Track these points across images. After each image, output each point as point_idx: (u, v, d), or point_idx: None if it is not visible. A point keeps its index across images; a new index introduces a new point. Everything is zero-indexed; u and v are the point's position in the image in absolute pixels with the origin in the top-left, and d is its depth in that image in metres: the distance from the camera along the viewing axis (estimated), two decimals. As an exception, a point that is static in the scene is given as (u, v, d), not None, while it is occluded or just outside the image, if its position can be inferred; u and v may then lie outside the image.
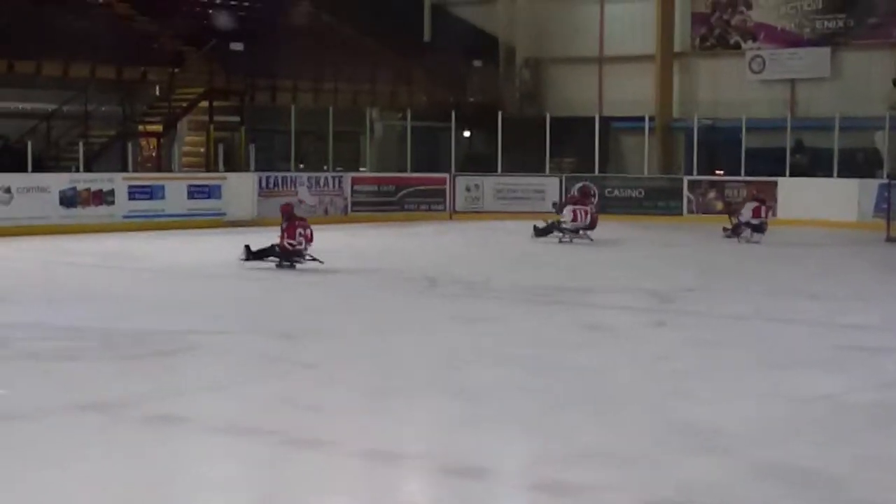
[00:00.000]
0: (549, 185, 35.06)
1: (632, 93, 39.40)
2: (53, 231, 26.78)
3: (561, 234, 26.45)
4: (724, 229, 27.13)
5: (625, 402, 9.98)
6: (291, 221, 20.44)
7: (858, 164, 34.07)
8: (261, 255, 20.32)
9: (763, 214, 26.98)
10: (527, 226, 27.50)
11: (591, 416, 9.43)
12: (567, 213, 26.70)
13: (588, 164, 35.72)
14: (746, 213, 26.89)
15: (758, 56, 38.52)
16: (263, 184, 31.88)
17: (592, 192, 32.93)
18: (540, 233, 26.86)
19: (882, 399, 10.14)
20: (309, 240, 20.25)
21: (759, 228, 26.60)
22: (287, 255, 20.14)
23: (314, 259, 20.07)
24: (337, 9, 42.02)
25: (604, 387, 10.67)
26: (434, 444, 8.58)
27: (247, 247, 20.45)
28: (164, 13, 35.43)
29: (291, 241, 20.10)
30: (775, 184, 32.60)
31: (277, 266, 20.05)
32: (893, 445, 8.61)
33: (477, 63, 41.02)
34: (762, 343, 13.05)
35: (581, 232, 26.39)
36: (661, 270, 21.23)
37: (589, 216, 26.60)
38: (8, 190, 27.20)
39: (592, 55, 41.25)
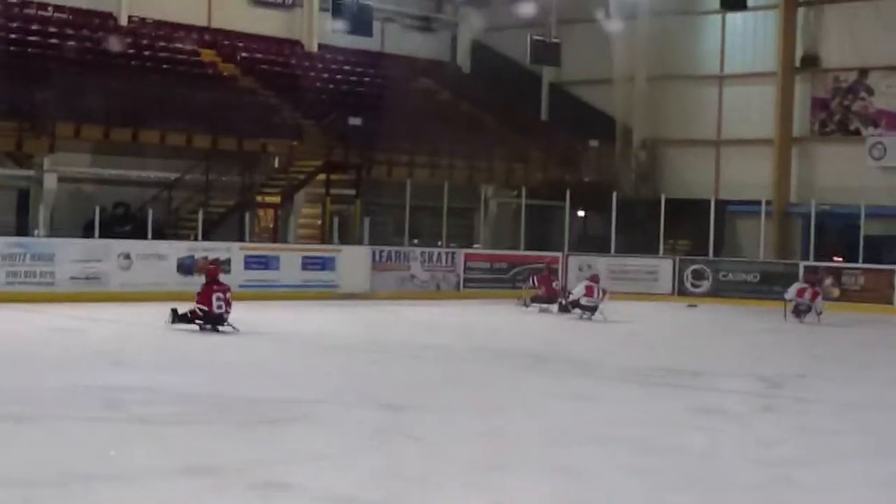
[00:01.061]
0: (663, 267, 34.96)
1: (749, 176, 39.16)
2: (170, 298, 27.20)
3: (581, 312, 26.82)
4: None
5: (730, 487, 9.86)
6: (210, 286, 21.32)
7: None
8: (185, 318, 21.10)
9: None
10: (638, 306, 27.32)
11: (696, 499, 9.33)
12: (581, 288, 27.24)
13: (702, 247, 35.52)
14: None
15: (879, 143, 38.09)
16: (377, 257, 32.18)
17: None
18: (541, 309, 27.93)
19: None
20: (228, 305, 21.01)
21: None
22: (208, 319, 20.95)
23: (233, 327, 20.85)
24: (455, 86, 42.52)
25: (709, 471, 10.55)
26: (535, 521, 8.55)
27: (173, 310, 21.44)
28: (286, 87, 36.10)
29: (202, 307, 21.00)
30: (893, 272, 32.10)
31: (201, 329, 20.88)
32: None
33: (593, 143, 41.09)
34: (874, 432, 12.82)
35: (598, 309, 26.68)
36: (772, 355, 20.98)
37: (600, 292, 26.99)
38: (128, 256, 27.81)
39: (710, 137, 41.14)
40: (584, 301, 26.90)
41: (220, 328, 20.94)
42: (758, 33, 40.45)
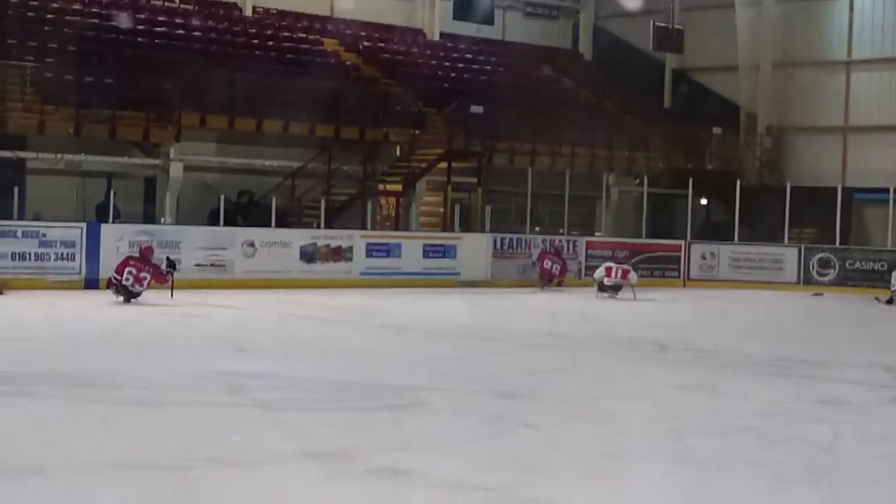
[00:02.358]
0: (788, 256, 34.47)
1: (877, 163, 38.41)
2: (293, 285, 27.60)
3: (604, 293, 28.13)
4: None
5: (855, 480, 9.68)
6: (130, 259, 23.15)
7: None
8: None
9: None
10: (763, 295, 26.99)
11: (820, 493, 9.18)
12: (601, 270, 28.62)
13: (829, 235, 34.94)
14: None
15: None
16: (498, 245, 32.19)
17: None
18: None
19: None
20: (138, 282, 22.62)
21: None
22: (118, 290, 22.67)
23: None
24: (577, 73, 42.36)
25: (834, 463, 10.38)
26: (654, 511, 8.50)
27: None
28: (407, 76, 36.23)
29: (115, 276, 22.70)
30: None
31: (116, 297, 22.73)
32: None
33: (717, 130, 40.59)
34: None
35: (621, 288, 28.17)
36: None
37: (618, 272, 28.38)
38: (252, 244, 28.17)
39: (837, 124, 40.44)
40: (606, 282, 28.19)
41: (133, 301, 22.52)
42: (887, 16, 39.62)
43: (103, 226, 27.10)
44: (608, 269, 28.49)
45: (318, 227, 30.07)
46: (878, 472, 10.05)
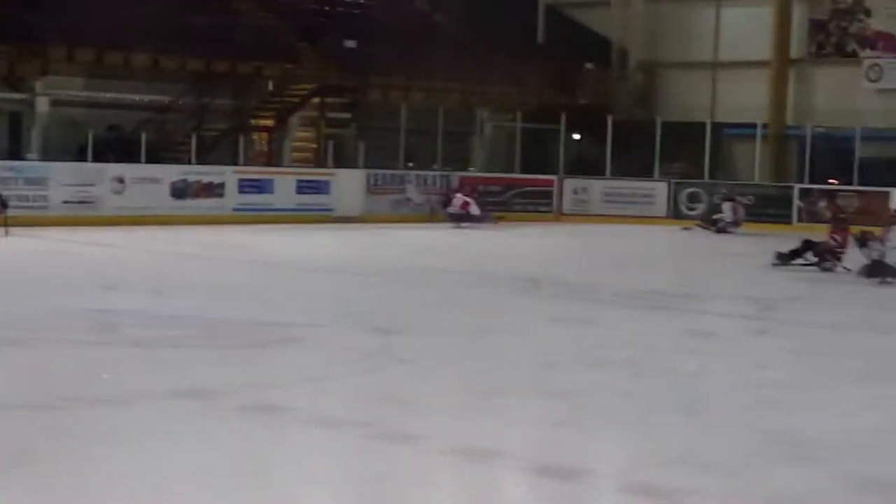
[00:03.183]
0: (658, 190, 34.90)
1: (745, 99, 38.91)
2: (163, 221, 27.24)
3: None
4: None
5: (721, 409, 9.89)
6: None
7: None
8: None
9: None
10: (634, 229, 27.31)
11: (686, 421, 9.35)
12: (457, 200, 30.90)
13: (698, 170, 35.46)
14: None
15: (875, 65, 37.92)
16: (372, 181, 32.10)
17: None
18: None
19: None
20: None
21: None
22: None
23: None
24: (451, 9, 42.11)
25: (701, 393, 10.58)
26: (526, 443, 8.56)
27: None
28: (281, 9, 35.78)
29: None
30: (888, 194, 32.04)
31: None
32: None
33: (589, 66, 40.82)
34: (865, 354, 12.86)
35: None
36: (766, 279, 20.96)
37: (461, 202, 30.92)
38: (121, 180, 27.75)
39: (706, 60, 40.86)
40: (450, 210, 31.11)
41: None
42: (756, -46, 40.09)
43: (-34, 162, 26.46)
44: (452, 200, 30.59)
45: (190, 162, 29.69)
46: (744, 400, 10.26)
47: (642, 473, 7.90)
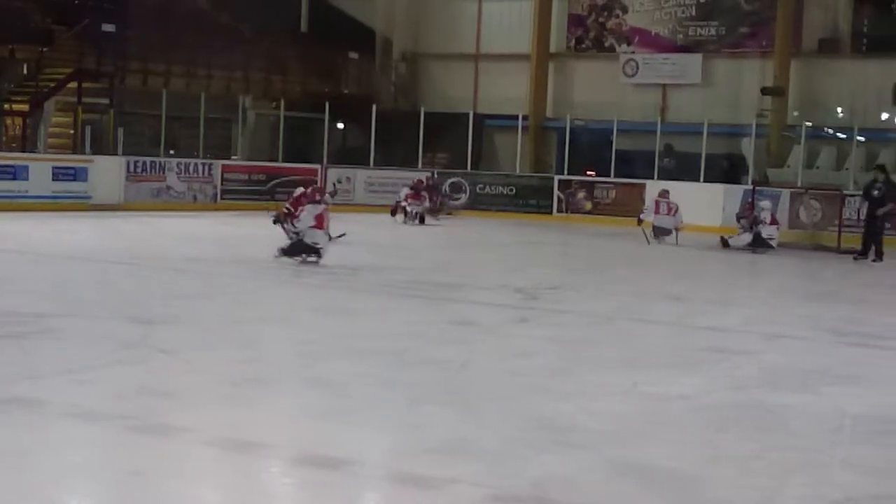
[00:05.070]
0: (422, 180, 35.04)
1: (507, 91, 39.61)
2: None
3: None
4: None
5: (484, 397, 9.97)
6: None
7: (725, 169, 34.65)
8: None
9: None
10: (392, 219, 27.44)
11: (450, 410, 9.39)
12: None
13: (461, 160, 35.86)
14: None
15: (631, 60, 38.99)
16: (131, 168, 31.42)
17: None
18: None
19: (736, 400, 10.25)
20: None
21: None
22: None
23: None
24: (213, -6, 41.62)
25: (464, 382, 10.65)
26: (290, 434, 8.49)
27: None
28: (35, -10, 34.77)
29: None
30: (643, 186, 32.98)
31: None
32: (745, 445, 8.70)
33: (353, 55, 40.88)
34: (623, 342, 13.16)
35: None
36: (528, 268, 21.33)
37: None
38: None
39: (469, 52, 41.39)
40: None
41: None
42: (516, -52, 40.74)
43: None
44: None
45: (-62, 147, 28.61)
46: (507, 387, 10.37)
47: (407, 462, 7.90)
